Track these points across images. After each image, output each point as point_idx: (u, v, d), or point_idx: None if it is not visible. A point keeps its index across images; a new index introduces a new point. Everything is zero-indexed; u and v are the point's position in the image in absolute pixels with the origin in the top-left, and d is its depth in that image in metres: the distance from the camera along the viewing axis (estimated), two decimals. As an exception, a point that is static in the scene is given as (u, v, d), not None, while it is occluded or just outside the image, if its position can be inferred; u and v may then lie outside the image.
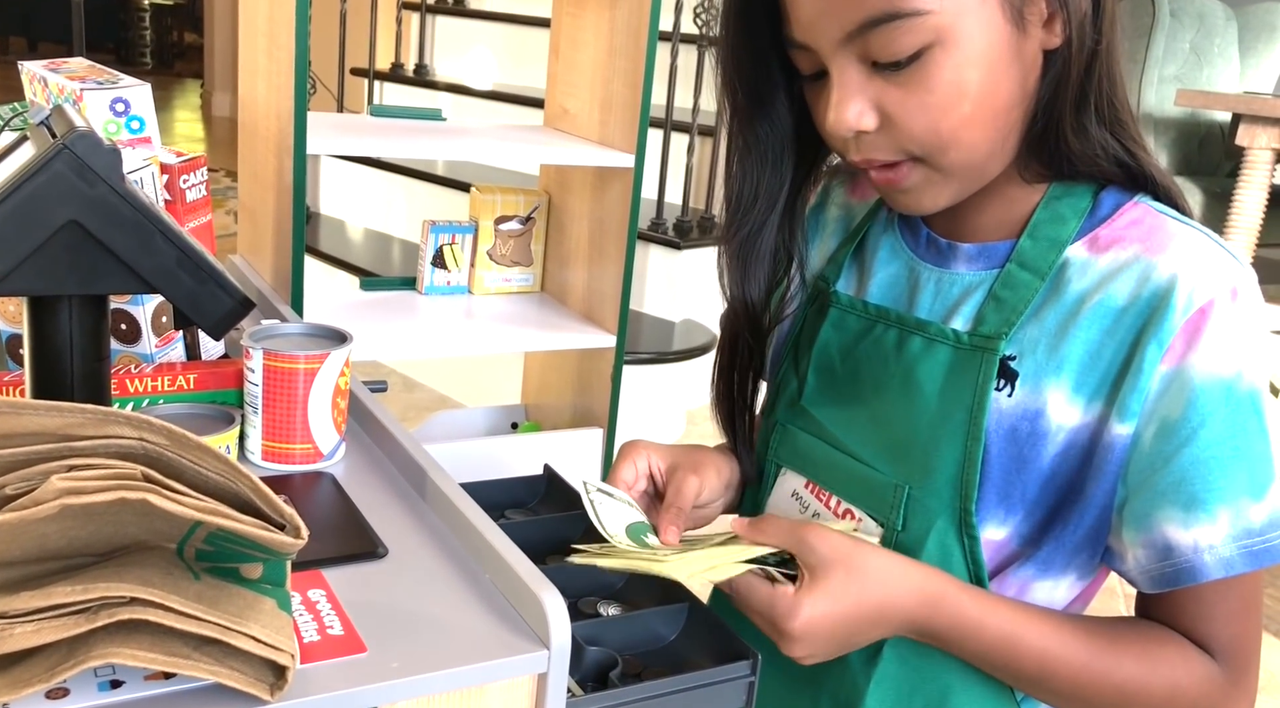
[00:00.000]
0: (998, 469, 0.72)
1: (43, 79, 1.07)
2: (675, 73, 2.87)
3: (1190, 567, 0.67)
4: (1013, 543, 0.73)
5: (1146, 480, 0.68)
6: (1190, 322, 0.66)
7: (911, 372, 0.75)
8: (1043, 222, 0.73)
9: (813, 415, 0.83)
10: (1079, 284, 0.71)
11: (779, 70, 0.75)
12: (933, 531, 0.73)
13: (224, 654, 0.54)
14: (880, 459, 0.77)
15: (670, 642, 0.78)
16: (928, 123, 0.67)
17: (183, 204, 0.97)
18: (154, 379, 0.87)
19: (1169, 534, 0.67)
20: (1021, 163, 0.73)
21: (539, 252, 1.83)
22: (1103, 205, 0.73)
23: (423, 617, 0.65)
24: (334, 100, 4.01)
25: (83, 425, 0.54)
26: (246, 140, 1.58)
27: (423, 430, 1.78)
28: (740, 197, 0.80)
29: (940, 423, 0.73)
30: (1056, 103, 0.69)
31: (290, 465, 0.86)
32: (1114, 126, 0.70)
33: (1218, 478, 0.66)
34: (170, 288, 0.64)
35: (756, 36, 0.74)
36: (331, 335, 0.91)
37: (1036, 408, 0.71)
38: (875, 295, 0.81)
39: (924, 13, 0.64)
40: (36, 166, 0.59)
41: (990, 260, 0.75)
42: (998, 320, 0.72)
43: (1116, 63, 0.69)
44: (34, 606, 0.51)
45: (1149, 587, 0.70)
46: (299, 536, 0.55)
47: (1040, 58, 0.68)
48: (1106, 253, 0.71)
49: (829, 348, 0.82)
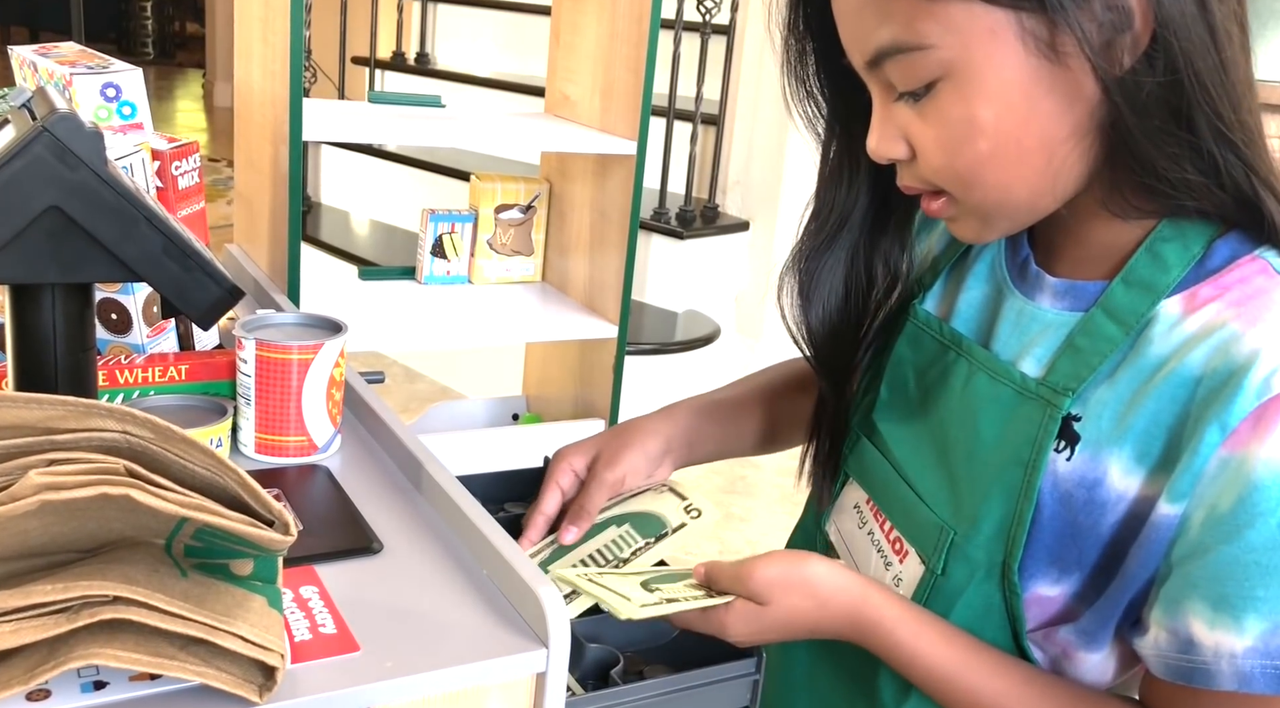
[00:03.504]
0: (1049, 532, 0.67)
1: (32, 64, 1.05)
2: (678, 60, 2.85)
3: (1205, 670, 0.60)
4: (1065, 602, 0.68)
5: (1182, 566, 0.61)
6: (1262, 407, 0.58)
7: (975, 412, 0.71)
8: (1141, 265, 0.65)
9: (880, 431, 0.80)
10: (1161, 347, 0.63)
11: (849, 86, 0.71)
12: (973, 582, 0.69)
13: (211, 654, 0.53)
14: (934, 497, 0.73)
15: (672, 639, 0.76)
16: (944, 159, 0.64)
17: (175, 191, 0.95)
18: (145, 370, 0.85)
19: (1193, 628, 0.61)
20: (1106, 196, 0.65)
21: (540, 241, 1.81)
22: (1215, 254, 0.64)
23: (418, 614, 0.64)
24: (334, 89, 3.99)
25: (64, 418, 0.52)
26: (242, 128, 1.55)
27: (422, 422, 1.77)
28: (817, 215, 0.78)
29: (994, 475, 0.68)
30: (1129, 132, 0.61)
31: (284, 458, 0.84)
32: (1239, 148, 0.61)
33: (1256, 585, 0.59)
34: (156, 276, 0.62)
35: (818, 49, 0.72)
36: (326, 325, 0.89)
37: (1095, 477, 0.65)
38: (959, 316, 0.76)
39: (927, 47, 0.60)
40: (15, 150, 0.57)
41: (1077, 301, 0.69)
42: (1069, 373, 0.66)
43: (1236, 79, 0.60)
44: (12, 605, 0.49)
45: (1161, 673, 0.63)
46: (288, 532, 0.53)
47: (1096, 87, 0.60)
48: (1199, 312, 0.62)
49: (903, 365, 0.79)
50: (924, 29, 0.60)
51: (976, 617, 0.69)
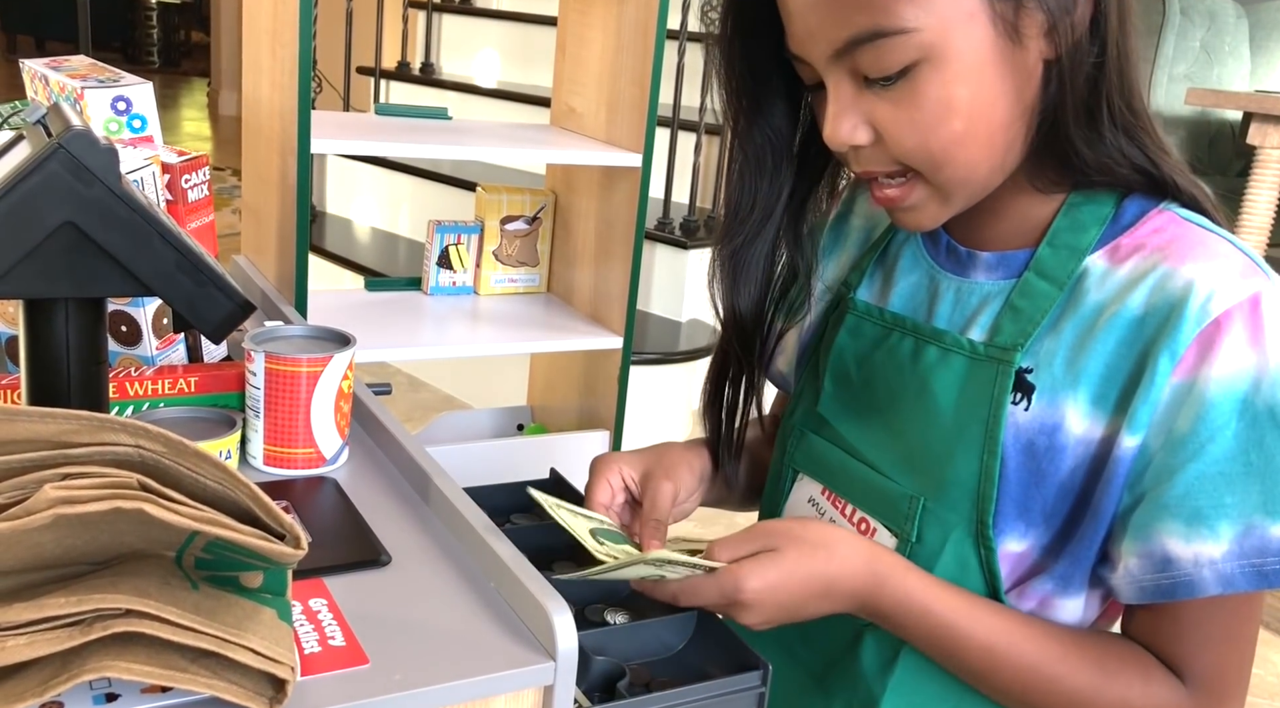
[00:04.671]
0: (1015, 483, 0.70)
1: (44, 77, 1.06)
2: (682, 71, 2.86)
3: (1188, 581, 0.65)
4: (1033, 556, 0.72)
5: (1151, 492, 0.66)
6: (1205, 332, 0.64)
7: (927, 382, 0.74)
8: (1062, 229, 0.71)
9: (829, 423, 0.82)
10: (1097, 295, 0.69)
11: (780, 80, 0.75)
12: (949, 543, 0.72)
13: (222, 667, 0.53)
14: (896, 470, 0.76)
15: (678, 651, 0.77)
16: (918, 139, 0.66)
17: (184, 204, 0.96)
18: (154, 382, 0.86)
19: (1169, 547, 0.65)
20: (1032, 172, 0.71)
21: (545, 252, 1.81)
22: (1126, 213, 0.71)
23: (426, 627, 0.64)
24: (340, 99, 4.00)
25: (78, 432, 0.53)
26: (250, 140, 1.56)
27: (427, 432, 1.77)
28: (737, 206, 0.79)
29: (956, 436, 0.72)
30: (1062, 113, 0.66)
31: (292, 470, 0.85)
32: (1132, 133, 0.68)
33: (1225, 495, 0.64)
34: (169, 291, 0.63)
35: (757, 47, 0.73)
36: (335, 338, 0.90)
37: (1054, 422, 0.69)
38: (896, 304, 0.80)
39: (909, 30, 0.62)
40: (31, 167, 0.57)
41: (1009, 269, 0.74)
42: (1014, 331, 0.71)
43: (1131, 68, 0.67)
44: (26, 618, 0.50)
45: (1135, 598, 0.68)
46: (299, 546, 0.53)
47: (1040, 68, 0.66)
48: (1126, 262, 0.69)
49: (844, 355, 0.81)
50: (905, 14, 0.62)
51: (954, 580, 0.72)
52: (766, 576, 0.68)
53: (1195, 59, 3.35)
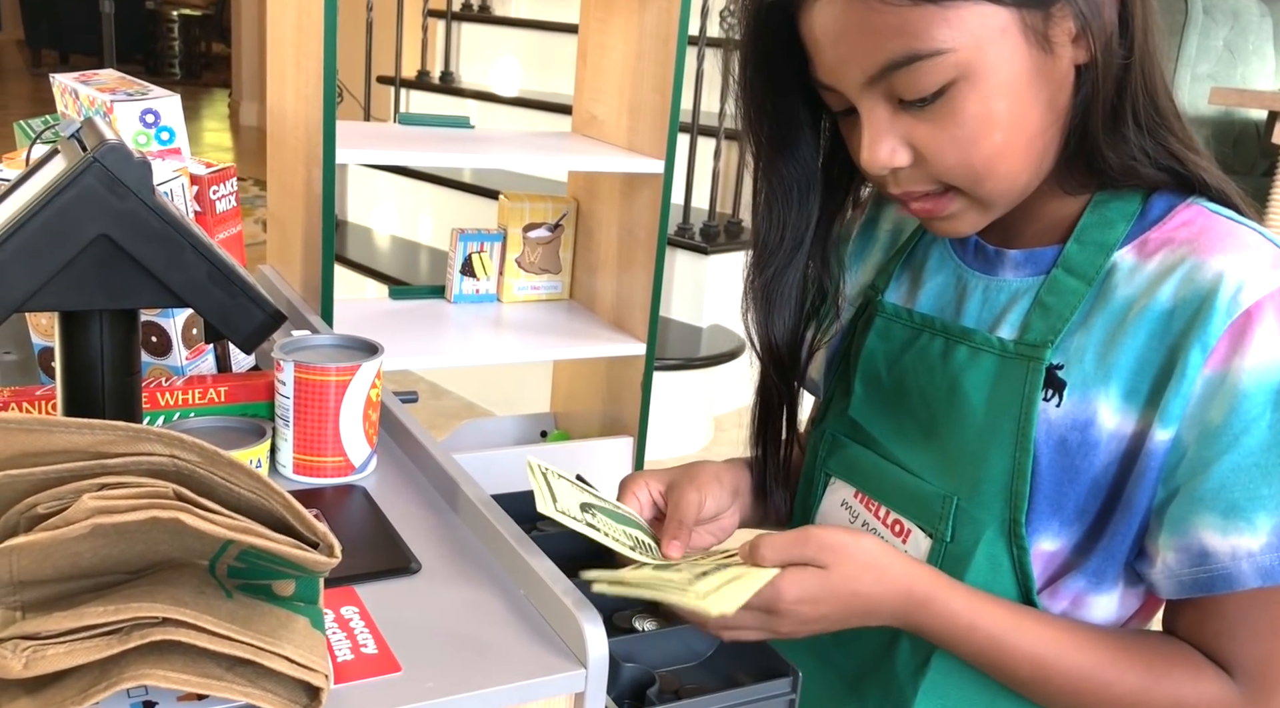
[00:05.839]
0: (1048, 480, 0.70)
1: (74, 91, 1.08)
2: (701, 77, 2.86)
3: (1226, 574, 0.65)
4: (1065, 553, 0.72)
5: (1186, 485, 0.66)
6: (1236, 323, 0.64)
7: (958, 382, 0.74)
8: (1090, 226, 0.72)
9: (860, 426, 0.82)
10: (1127, 290, 0.69)
11: (804, 109, 0.74)
12: (981, 542, 0.72)
13: (257, 675, 0.54)
14: (928, 470, 0.76)
15: (707, 658, 0.77)
16: (959, 156, 0.66)
17: (213, 215, 0.97)
18: (184, 392, 0.86)
19: (1205, 540, 0.65)
20: (1060, 175, 0.72)
21: (568, 259, 1.82)
22: (1153, 209, 0.71)
23: (457, 635, 0.64)
24: (360, 108, 4.02)
25: (114, 443, 0.53)
26: (275, 151, 1.58)
27: (451, 439, 1.78)
28: (766, 241, 0.79)
29: (988, 434, 0.71)
30: (1089, 117, 0.67)
31: (322, 479, 0.85)
32: (1157, 132, 0.69)
33: (1260, 486, 0.64)
34: (201, 302, 0.64)
35: (778, 79, 0.73)
36: (362, 347, 0.90)
37: (1086, 418, 0.69)
38: (924, 305, 0.80)
39: (944, 51, 0.63)
40: (67, 181, 0.58)
41: (1037, 266, 0.74)
42: (1044, 328, 0.71)
43: (1156, 69, 0.68)
44: (66, 627, 0.50)
45: (1174, 593, 0.68)
46: (332, 554, 0.54)
47: (1071, 75, 0.67)
48: (1155, 256, 0.69)
49: (875, 358, 0.81)
50: (940, 35, 0.62)
51: (986, 580, 0.71)
52: (809, 589, 0.67)
53: (1219, 58, 3.32)
